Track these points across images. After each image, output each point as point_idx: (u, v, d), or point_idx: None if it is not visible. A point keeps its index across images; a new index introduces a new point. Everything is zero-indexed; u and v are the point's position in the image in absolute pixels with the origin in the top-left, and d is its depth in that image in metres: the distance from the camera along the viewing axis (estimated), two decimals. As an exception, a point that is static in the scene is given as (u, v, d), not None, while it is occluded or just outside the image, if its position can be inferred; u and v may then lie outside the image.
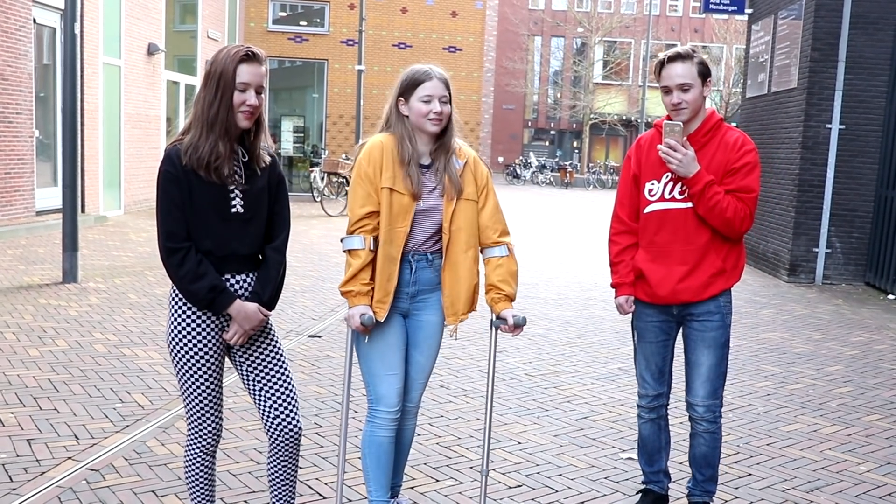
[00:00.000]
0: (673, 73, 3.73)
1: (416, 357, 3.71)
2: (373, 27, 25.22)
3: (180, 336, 3.26)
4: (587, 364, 7.11)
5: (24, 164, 13.57)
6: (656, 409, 4.10)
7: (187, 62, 20.74)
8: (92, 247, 12.11)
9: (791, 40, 12.71)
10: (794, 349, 7.97)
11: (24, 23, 13.30)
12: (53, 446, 4.73)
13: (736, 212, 3.72)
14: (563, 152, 56.63)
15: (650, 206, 3.89)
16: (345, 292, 3.54)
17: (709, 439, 4.00)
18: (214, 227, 3.18)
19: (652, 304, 3.95)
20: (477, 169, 3.66)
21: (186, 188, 3.12)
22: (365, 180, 3.51)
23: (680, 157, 3.69)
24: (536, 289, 10.67)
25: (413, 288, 3.62)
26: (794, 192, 12.22)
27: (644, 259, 3.93)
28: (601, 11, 52.20)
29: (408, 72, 3.59)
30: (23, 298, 8.45)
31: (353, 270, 3.49)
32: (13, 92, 13.10)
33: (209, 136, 3.12)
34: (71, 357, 6.50)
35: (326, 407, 5.65)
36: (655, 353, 4.03)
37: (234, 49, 3.14)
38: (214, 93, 3.10)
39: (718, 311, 3.89)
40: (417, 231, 3.57)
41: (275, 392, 3.40)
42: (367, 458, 3.70)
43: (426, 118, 3.50)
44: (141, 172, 17.99)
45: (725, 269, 3.86)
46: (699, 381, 3.93)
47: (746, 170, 3.75)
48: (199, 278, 3.12)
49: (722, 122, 3.85)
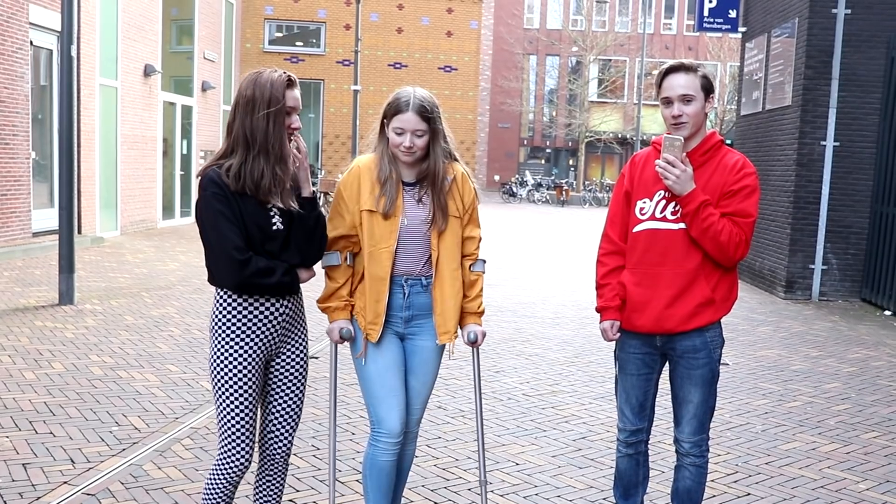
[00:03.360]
0: (675, 84, 3.58)
1: (412, 383, 3.71)
2: (368, 47, 25.33)
3: (225, 357, 3.30)
4: (585, 384, 7.10)
5: (21, 185, 13.58)
6: (634, 445, 3.92)
7: (184, 83, 20.78)
8: (88, 268, 12.10)
9: (785, 58, 12.77)
10: (792, 366, 7.97)
11: (20, 45, 13.33)
12: (49, 471, 4.71)
13: (731, 236, 3.51)
14: (559, 170, 56.65)
15: (639, 225, 3.69)
16: (323, 308, 3.62)
17: (694, 472, 3.82)
18: (258, 244, 3.25)
19: (635, 333, 3.75)
20: (464, 186, 3.66)
21: (237, 207, 3.19)
22: (341, 205, 3.58)
23: (678, 173, 3.50)
24: (533, 308, 10.66)
25: (407, 312, 3.62)
26: (789, 209, 12.25)
27: (630, 282, 3.71)
28: (596, 30, 52.33)
29: (394, 95, 3.59)
30: (19, 321, 8.44)
31: (331, 287, 3.59)
32: (9, 114, 13.12)
33: (262, 160, 3.20)
34: (67, 380, 6.48)
35: (324, 429, 5.63)
36: (636, 387, 3.82)
37: (275, 75, 3.23)
38: (268, 119, 3.18)
39: (705, 347, 3.67)
40: (410, 254, 3.58)
41: (284, 414, 3.49)
42: (368, 481, 3.68)
43: (398, 149, 3.52)
44: (137, 193, 18.00)
45: (714, 300, 3.63)
46: (686, 418, 3.76)
47: (745, 193, 3.56)
48: (273, 270, 3.24)
49: (722, 144, 3.68)
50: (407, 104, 3.48)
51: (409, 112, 3.47)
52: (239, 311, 3.29)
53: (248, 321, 3.29)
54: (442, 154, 3.58)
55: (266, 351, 3.36)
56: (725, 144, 3.71)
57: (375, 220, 3.52)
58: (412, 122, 3.47)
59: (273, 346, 3.39)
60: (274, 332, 3.36)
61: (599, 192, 43.95)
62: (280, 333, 3.39)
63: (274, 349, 3.41)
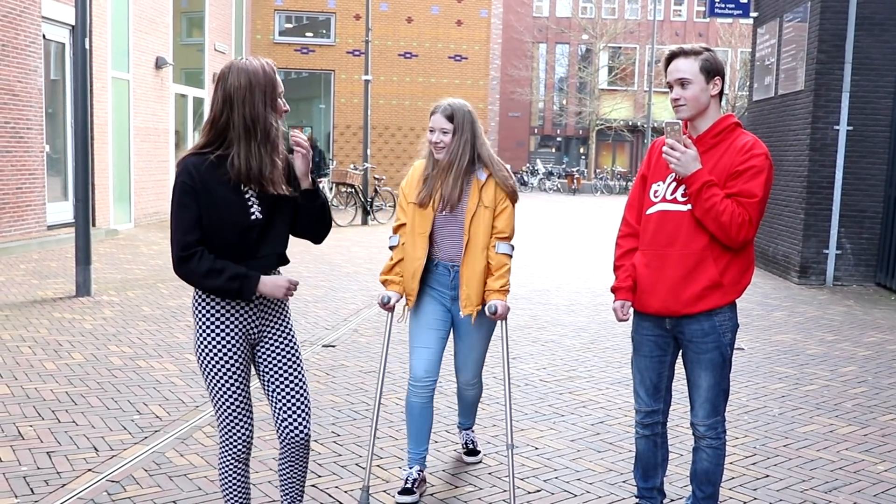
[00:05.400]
0: (673, 69, 3.65)
1: (461, 347, 4.50)
2: (378, 37, 25.30)
3: (206, 343, 3.31)
4: (601, 369, 7.13)
5: (36, 178, 13.65)
6: (650, 426, 3.98)
7: (195, 75, 20.83)
8: (104, 260, 12.16)
9: (797, 43, 12.73)
10: (808, 350, 7.97)
11: (33, 38, 13.39)
12: (73, 458, 4.77)
13: (732, 216, 3.51)
14: (570, 159, 56.61)
15: (652, 208, 3.76)
16: (382, 280, 4.38)
17: (711, 454, 3.84)
18: (233, 235, 3.23)
19: (647, 315, 3.82)
20: (505, 180, 4.29)
21: (205, 199, 3.17)
22: (402, 200, 4.39)
23: (678, 155, 3.56)
24: (548, 295, 10.68)
25: (454, 292, 4.34)
26: (803, 193, 12.23)
27: (640, 264, 3.79)
28: (605, 17, 52.25)
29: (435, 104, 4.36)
30: (37, 312, 8.50)
31: (390, 264, 4.38)
32: (24, 107, 13.18)
33: (264, 150, 3.20)
34: (87, 370, 6.54)
35: (343, 416, 5.68)
36: (650, 368, 3.89)
37: (262, 61, 3.21)
38: (264, 104, 3.17)
39: (714, 331, 3.69)
40: (449, 242, 4.31)
41: (288, 397, 3.45)
42: (407, 419, 4.46)
43: (431, 145, 4.28)
44: (150, 185, 18.07)
45: (722, 284, 3.63)
46: (699, 402, 3.80)
47: (751, 173, 3.55)
48: (220, 272, 3.17)
49: (737, 127, 3.69)
50: (437, 109, 4.27)
51: (437, 114, 4.25)
52: (212, 299, 3.30)
53: (221, 308, 3.30)
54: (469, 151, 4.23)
55: (246, 334, 3.35)
56: (740, 127, 3.71)
57: (417, 210, 4.29)
58: (439, 122, 4.23)
59: (253, 330, 3.37)
60: (251, 317, 3.36)
61: (611, 181, 43.90)
62: (260, 316, 3.39)
63: (255, 334, 3.39)
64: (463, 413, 4.89)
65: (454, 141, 4.21)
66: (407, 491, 4.34)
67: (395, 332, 8.19)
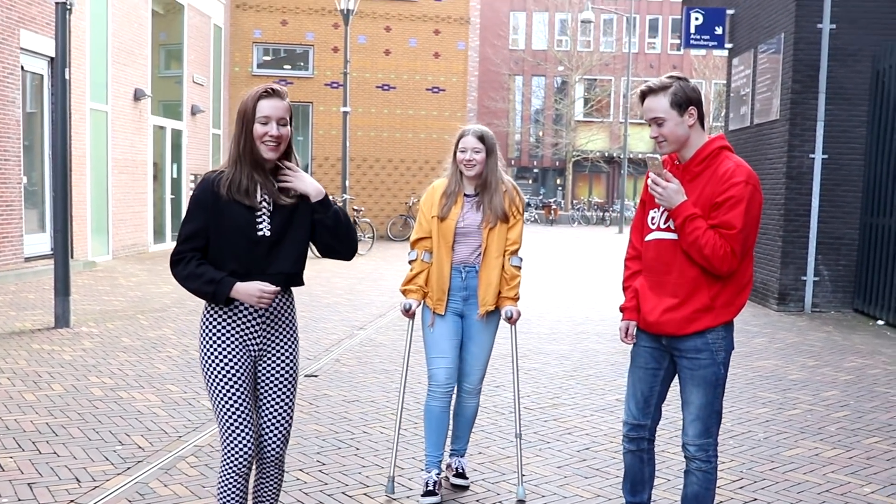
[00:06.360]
0: (646, 108, 3.69)
1: (471, 348, 4.77)
2: (357, 69, 25.39)
3: (210, 356, 3.44)
4: (585, 396, 7.12)
5: (13, 210, 13.56)
6: (636, 441, 3.99)
7: (173, 107, 20.81)
8: (82, 292, 12.07)
9: (771, 73, 12.89)
10: (789, 376, 8.00)
11: (12, 70, 13.34)
12: (55, 489, 4.70)
13: (714, 249, 3.55)
14: (547, 190, 56.89)
15: (650, 235, 3.84)
16: (402, 290, 4.76)
17: (701, 478, 3.83)
18: (241, 249, 3.39)
19: (644, 330, 3.89)
20: (516, 197, 4.77)
21: (213, 213, 3.36)
22: (420, 215, 4.81)
23: (660, 190, 3.64)
24: (529, 324, 10.68)
25: (465, 292, 4.72)
26: (780, 221, 12.34)
27: (643, 285, 3.87)
28: (581, 50, 52.72)
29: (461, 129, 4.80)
30: (16, 344, 8.41)
31: (410, 275, 4.75)
32: (1, 139, 13.11)
33: (243, 168, 3.38)
34: (68, 401, 6.47)
35: (328, 445, 5.64)
36: (642, 380, 3.93)
37: (255, 89, 3.40)
38: (240, 129, 3.37)
39: (707, 348, 3.72)
40: (464, 247, 4.70)
41: (273, 417, 3.58)
42: (425, 424, 4.76)
43: (461, 164, 4.69)
44: (129, 217, 17.98)
45: (714, 307, 3.68)
46: (689, 420, 3.81)
47: (729, 204, 3.56)
48: (198, 276, 3.37)
49: (722, 151, 3.70)
50: (468, 131, 4.72)
51: (469, 136, 4.69)
52: (217, 312, 3.45)
53: (227, 321, 3.44)
54: (495, 170, 4.70)
55: (248, 347, 3.47)
56: (727, 150, 3.73)
57: (439, 223, 4.70)
58: (471, 143, 4.67)
59: (256, 344, 3.49)
60: (253, 331, 3.48)
61: (588, 211, 44.11)
62: (262, 334, 3.50)
63: (258, 348, 3.51)
64: (458, 436, 4.95)
65: (490, 161, 4.69)
66: (430, 493, 4.65)
67: (379, 361, 8.18)
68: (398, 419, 4.88)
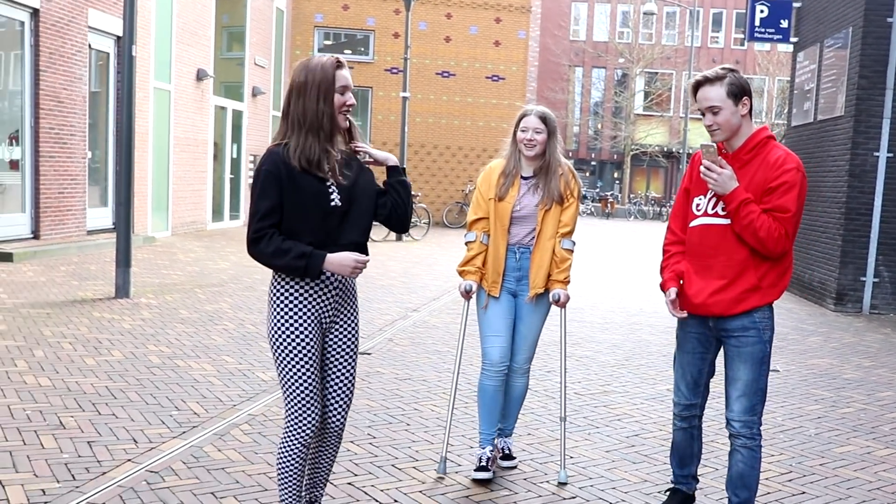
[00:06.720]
0: (701, 97, 3.83)
1: (520, 328, 4.78)
2: (417, 56, 25.45)
3: (282, 328, 3.44)
4: (636, 385, 7.12)
5: (77, 184, 13.86)
6: (688, 419, 4.19)
7: (234, 88, 21.06)
8: (142, 265, 12.30)
9: (837, 68, 12.69)
10: (844, 375, 7.91)
11: (80, 48, 13.62)
12: (113, 448, 4.83)
13: (769, 231, 3.71)
14: (604, 183, 56.54)
15: (695, 221, 3.98)
16: (460, 271, 4.79)
17: (746, 455, 3.94)
18: (316, 220, 3.38)
19: (691, 314, 4.00)
20: (572, 181, 4.75)
21: (289, 186, 3.33)
22: (478, 195, 4.79)
23: (715, 176, 3.78)
24: (582, 313, 10.67)
25: (518, 273, 4.74)
26: (840, 220, 12.15)
27: (688, 270, 4.01)
28: (642, 43, 52.21)
29: (522, 109, 4.79)
30: (77, 311, 8.62)
31: (467, 256, 4.76)
32: (68, 114, 13.40)
33: (313, 138, 3.36)
34: (126, 367, 6.62)
35: (378, 419, 5.71)
36: (691, 364, 4.10)
37: (322, 59, 3.39)
38: (317, 98, 3.33)
39: (754, 326, 3.87)
40: (520, 229, 4.71)
41: (339, 387, 3.62)
42: (479, 401, 4.83)
43: (522, 143, 4.67)
44: (188, 195, 18.26)
45: (761, 287, 3.84)
46: (735, 396, 3.93)
47: (783, 189, 3.74)
48: (286, 252, 3.31)
49: (770, 140, 3.87)
50: (531, 111, 4.70)
51: (532, 116, 4.67)
52: (292, 286, 3.44)
53: (300, 293, 3.44)
54: (555, 152, 4.69)
55: (320, 320, 3.49)
56: (773, 140, 3.89)
57: (496, 204, 4.69)
58: (533, 123, 4.65)
59: (327, 317, 3.51)
60: (326, 304, 3.49)
61: (644, 205, 43.78)
62: (333, 306, 3.53)
63: (328, 321, 3.53)
64: (505, 415, 4.95)
65: (550, 143, 4.68)
66: (482, 468, 4.72)
67: (431, 343, 8.24)
68: (451, 399, 4.90)
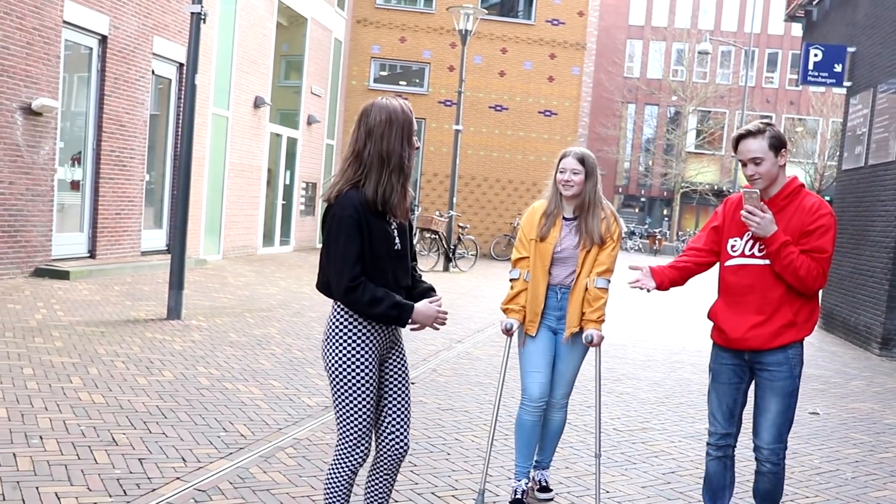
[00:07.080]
0: (745, 149, 4.10)
1: (559, 365, 4.90)
2: (471, 89, 25.72)
3: (345, 359, 3.54)
4: (675, 423, 7.18)
5: (134, 205, 14.23)
6: (723, 448, 4.38)
7: (290, 116, 21.47)
8: (193, 287, 12.57)
9: (890, 113, 12.67)
10: (885, 420, 7.90)
11: (143, 73, 14.04)
12: (163, 466, 5.02)
13: (808, 270, 3.98)
14: (653, 219, 56.37)
15: (731, 261, 4.25)
16: (504, 309, 4.89)
17: (772, 478, 4.25)
18: (386, 264, 3.53)
19: (727, 348, 4.28)
20: (613, 224, 4.84)
21: (367, 232, 3.45)
22: (521, 235, 4.92)
23: (758, 220, 4.02)
24: (625, 349, 10.73)
25: (559, 312, 4.85)
26: (888, 265, 12.09)
27: (721, 306, 4.30)
28: (696, 81, 52.16)
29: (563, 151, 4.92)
30: (130, 331, 8.88)
31: (511, 294, 4.88)
32: (129, 137, 13.80)
33: (394, 178, 3.49)
34: (177, 387, 6.83)
35: (419, 447, 5.85)
36: (727, 395, 4.32)
37: (401, 101, 3.54)
38: (401, 140, 3.48)
39: (787, 362, 4.14)
40: (561, 270, 4.82)
41: (398, 413, 3.72)
42: (516, 435, 4.92)
43: (560, 184, 4.80)
44: (241, 220, 18.62)
45: (796, 323, 4.12)
46: (765, 426, 4.19)
47: (820, 231, 4.03)
48: (381, 301, 3.44)
49: (801, 189, 4.16)
50: (568, 153, 4.84)
51: (570, 157, 4.81)
52: (355, 317, 3.55)
53: (364, 326, 3.55)
54: (594, 193, 4.80)
55: (380, 354, 3.62)
56: (804, 188, 4.19)
57: (538, 245, 4.81)
58: (571, 164, 4.79)
59: (385, 347, 3.65)
60: (386, 337, 3.63)
61: (693, 243, 43.42)
62: (390, 339, 3.67)
63: (385, 350, 3.67)
64: (542, 447, 5.07)
65: (588, 184, 4.80)
66: (517, 501, 4.85)
67: (474, 374, 8.36)
68: (491, 432, 4.96)
